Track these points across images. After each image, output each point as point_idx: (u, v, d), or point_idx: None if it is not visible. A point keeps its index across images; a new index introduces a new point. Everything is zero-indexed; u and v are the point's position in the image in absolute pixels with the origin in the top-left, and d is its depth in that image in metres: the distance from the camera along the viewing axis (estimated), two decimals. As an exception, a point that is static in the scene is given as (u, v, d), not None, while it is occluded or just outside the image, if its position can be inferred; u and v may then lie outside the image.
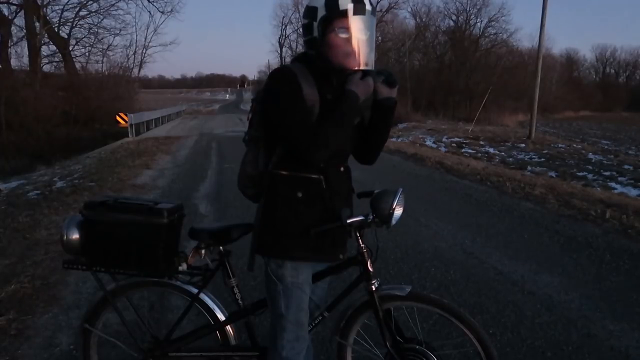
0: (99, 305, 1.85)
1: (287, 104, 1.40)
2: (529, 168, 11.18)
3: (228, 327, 1.81)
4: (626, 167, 11.66)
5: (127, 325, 1.85)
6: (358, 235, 1.62)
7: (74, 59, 25.59)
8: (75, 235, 1.64)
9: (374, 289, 1.65)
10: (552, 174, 10.34)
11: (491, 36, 41.90)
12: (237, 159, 1.62)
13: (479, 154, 13.83)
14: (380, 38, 52.20)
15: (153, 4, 29.56)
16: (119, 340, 1.91)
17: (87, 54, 26.36)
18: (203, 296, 1.80)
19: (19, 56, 27.98)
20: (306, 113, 1.40)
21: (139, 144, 13.38)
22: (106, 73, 27.33)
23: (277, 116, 1.42)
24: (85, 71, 26.24)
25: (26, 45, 22.28)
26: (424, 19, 42.08)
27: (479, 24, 42.40)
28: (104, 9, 25.12)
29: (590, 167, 11.47)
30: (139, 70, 32.75)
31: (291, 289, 1.53)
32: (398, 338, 1.70)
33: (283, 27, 62.21)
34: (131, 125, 17.29)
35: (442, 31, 42.33)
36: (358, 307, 1.73)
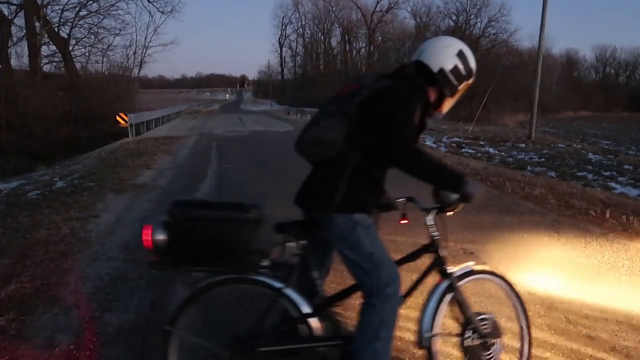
0: (183, 305, 1.82)
1: (406, 114, 1.69)
2: (529, 168, 11.18)
3: (312, 319, 1.83)
4: (626, 167, 11.67)
5: (213, 323, 1.87)
6: (431, 223, 1.89)
7: (74, 59, 25.60)
8: (161, 236, 1.65)
9: (451, 271, 1.89)
10: (552, 174, 10.33)
11: (491, 36, 42.04)
12: (237, 159, 1.63)
13: (479, 154, 13.83)
14: (380, 38, 52.27)
15: (153, 4, 29.61)
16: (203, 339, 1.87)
17: (87, 54, 26.36)
18: (287, 290, 1.81)
19: (19, 56, 28.05)
20: (414, 128, 1.74)
21: (138, 144, 13.37)
22: (106, 73, 27.33)
23: (393, 116, 1.67)
24: (85, 71, 26.26)
25: (26, 45, 22.30)
26: (424, 19, 42.09)
27: (479, 24, 42.53)
28: (104, 9, 25.14)
29: (590, 167, 11.47)
30: (139, 70, 32.76)
31: (368, 227, 1.75)
32: (471, 311, 1.92)
33: (283, 27, 62.48)
34: (131, 125, 17.28)
35: (442, 31, 42.34)
36: (442, 295, 1.89)
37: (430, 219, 1.92)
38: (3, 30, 20.98)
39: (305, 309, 1.82)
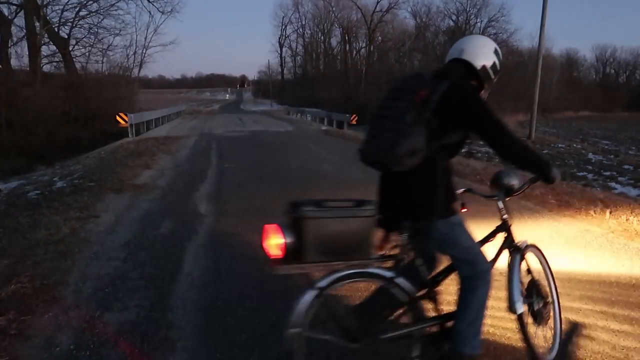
0: (311, 304, 1.84)
1: (486, 105, 1.89)
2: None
3: (420, 303, 2.00)
4: (626, 167, 11.67)
5: (341, 319, 1.93)
6: (502, 207, 2.19)
7: (74, 59, 25.62)
8: (287, 237, 1.72)
9: (520, 246, 2.20)
10: (552, 174, 10.33)
11: (491, 36, 41.94)
12: (237, 159, 1.64)
13: (479, 154, 13.83)
14: (380, 38, 52.28)
15: (153, 4, 29.67)
16: (329, 335, 1.91)
17: (87, 54, 26.39)
18: (398, 279, 1.92)
19: (19, 56, 27.82)
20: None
21: (138, 144, 13.36)
22: (106, 73, 27.36)
23: (490, 119, 1.86)
24: (85, 71, 26.26)
25: (26, 45, 22.31)
26: (424, 19, 42.14)
27: (479, 24, 42.58)
28: (104, 9, 25.18)
29: (590, 167, 11.48)
30: (139, 70, 32.78)
31: (462, 225, 1.98)
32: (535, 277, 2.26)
33: (283, 27, 62.46)
34: (131, 125, 17.27)
35: (442, 31, 42.40)
36: (519, 268, 2.16)
37: (500, 203, 2.20)
38: (3, 30, 21.00)
39: (414, 294, 1.96)
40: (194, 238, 4.41)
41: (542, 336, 2.29)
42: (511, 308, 2.10)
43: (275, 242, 1.71)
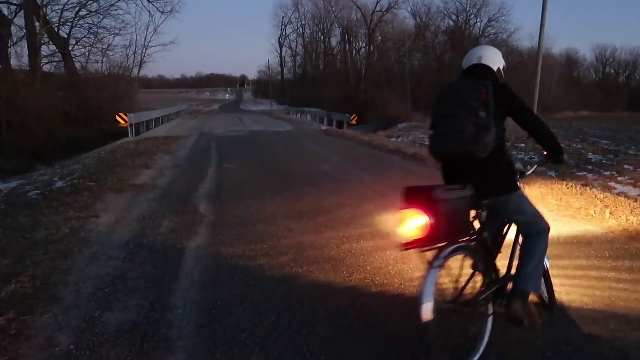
0: (436, 279, 2.02)
1: (525, 103, 2.40)
2: (529, 168, 11.17)
3: (491, 269, 2.40)
4: (626, 167, 11.65)
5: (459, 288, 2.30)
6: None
7: (74, 59, 25.56)
8: (420, 220, 1.97)
9: None
10: (552, 173, 10.33)
11: (491, 36, 42.13)
12: (237, 159, 1.63)
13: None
14: (380, 38, 52.27)
15: (153, 4, 29.63)
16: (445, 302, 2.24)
17: (87, 54, 26.31)
18: (480, 250, 2.34)
19: (19, 56, 27.69)
20: None
21: (138, 144, 13.36)
22: (106, 73, 27.30)
23: (525, 108, 2.39)
24: (85, 71, 26.23)
25: (26, 45, 22.27)
26: (424, 19, 42.15)
27: (479, 24, 42.60)
28: (104, 9, 25.13)
29: (590, 167, 11.46)
30: (139, 70, 32.70)
31: (525, 195, 2.48)
32: None
33: (283, 27, 62.40)
34: (131, 125, 17.28)
35: (442, 31, 42.40)
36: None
37: (519, 183, 2.55)
38: (3, 30, 20.96)
39: (489, 261, 2.38)
40: (193, 238, 4.41)
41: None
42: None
43: (417, 224, 1.99)
